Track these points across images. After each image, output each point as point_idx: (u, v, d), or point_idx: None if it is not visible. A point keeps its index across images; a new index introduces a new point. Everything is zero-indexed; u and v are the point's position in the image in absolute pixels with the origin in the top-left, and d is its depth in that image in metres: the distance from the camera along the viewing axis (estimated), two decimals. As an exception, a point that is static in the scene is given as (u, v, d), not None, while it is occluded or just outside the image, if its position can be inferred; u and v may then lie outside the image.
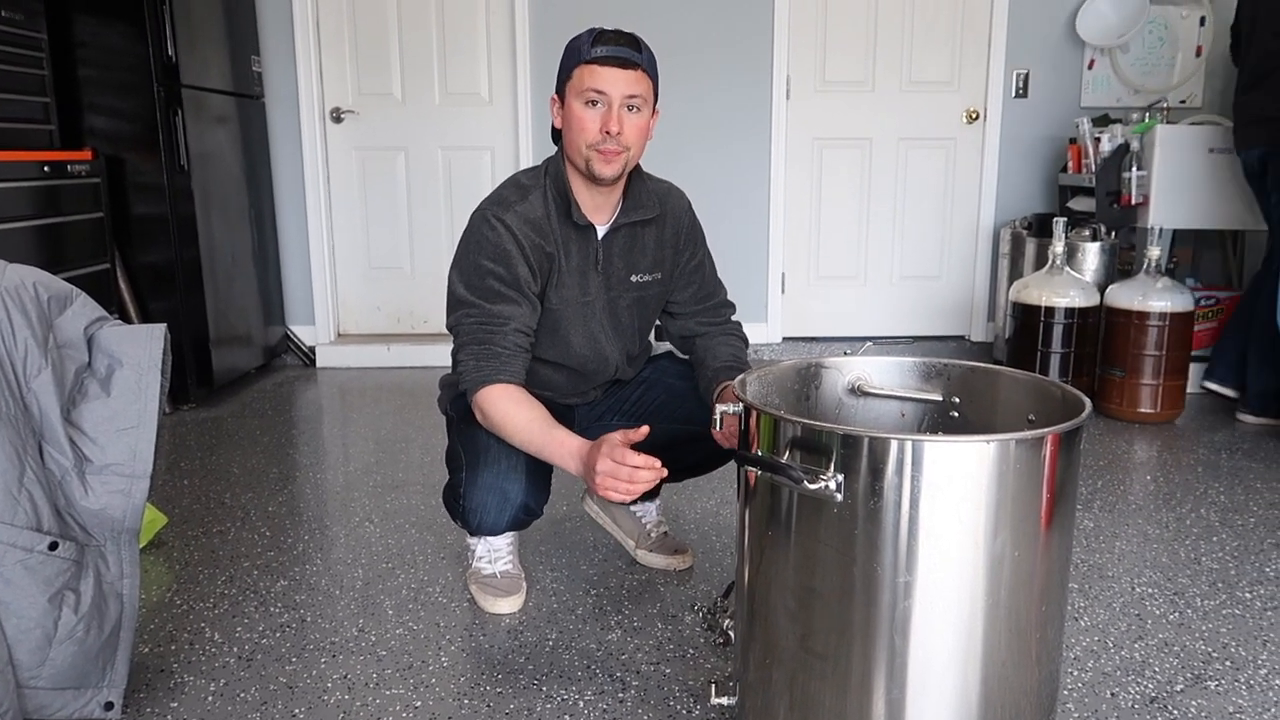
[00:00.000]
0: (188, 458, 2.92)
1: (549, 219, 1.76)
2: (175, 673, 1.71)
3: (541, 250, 1.75)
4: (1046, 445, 1.16)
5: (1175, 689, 1.64)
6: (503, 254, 1.71)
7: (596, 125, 1.66)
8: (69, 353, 1.44)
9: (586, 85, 1.65)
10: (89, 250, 3.17)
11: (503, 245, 1.71)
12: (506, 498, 1.77)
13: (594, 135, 1.67)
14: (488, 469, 1.76)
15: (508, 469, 1.75)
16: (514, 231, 1.71)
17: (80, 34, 3.25)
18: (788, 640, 1.25)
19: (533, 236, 1.73)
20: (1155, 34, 4.09)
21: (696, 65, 4.10)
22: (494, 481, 1.76)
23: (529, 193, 1.76)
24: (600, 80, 1.65)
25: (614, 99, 1.65)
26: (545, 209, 1.76)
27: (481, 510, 1.78)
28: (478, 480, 1.77)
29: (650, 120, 1.74)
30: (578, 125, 1.68)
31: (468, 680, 1.68)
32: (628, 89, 1.66)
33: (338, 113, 4.19)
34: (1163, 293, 3.18)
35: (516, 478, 1.76)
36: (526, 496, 1.78)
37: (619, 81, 1.65)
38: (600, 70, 1.64)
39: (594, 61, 1.64)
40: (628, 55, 1.65)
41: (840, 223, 4.34)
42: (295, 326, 4.29)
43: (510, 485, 1.76)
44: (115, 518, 1.43)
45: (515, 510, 1.79)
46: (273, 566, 2.15)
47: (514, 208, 1.73)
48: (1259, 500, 2.53)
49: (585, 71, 1.65)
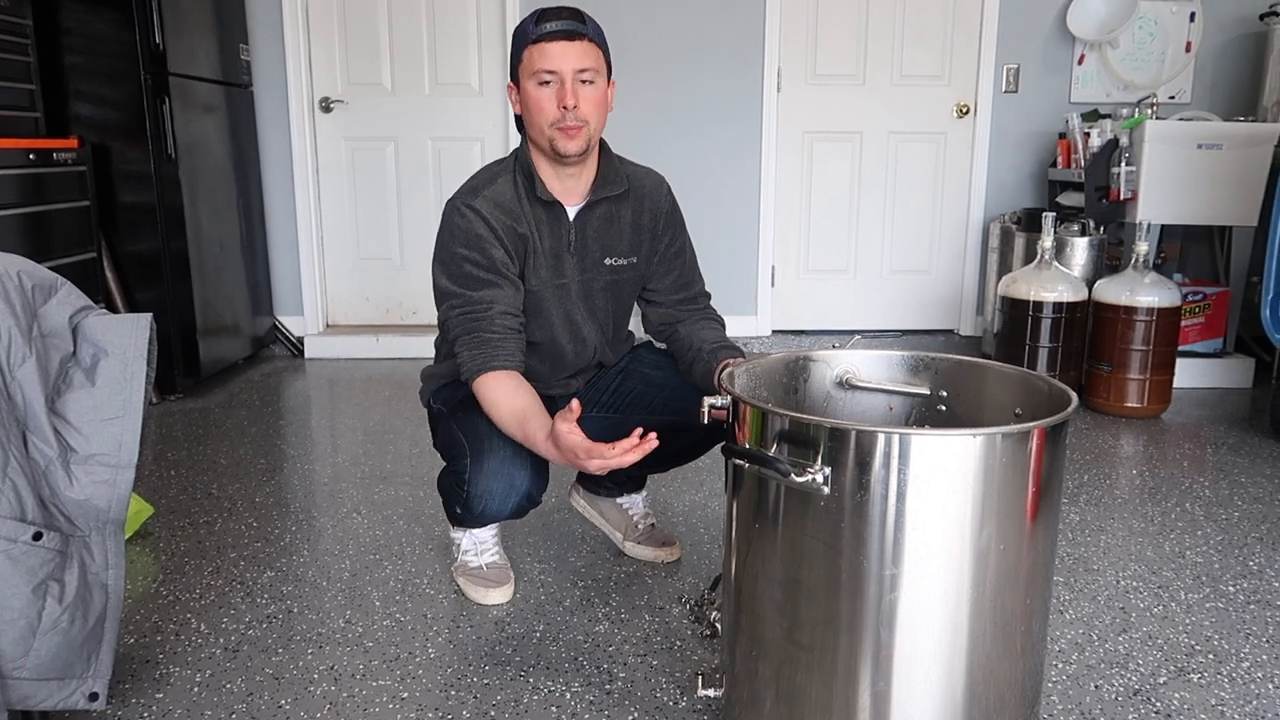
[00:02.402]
0: (174, 448, 2.91)
1: (519, 200, 1.76)
2: (160, 663, 1.70)
3: (514, 231, 1.75)
4: (1032, 439, 1.16)
5: (1159, 681, 1.66)
6: (475, 239, 1.71)
7: (553, 104, 1.67)
8: (53, 342, 1.43)
9: (537, 66, 1.66)
10: (75, 239, 3.15)
11: (474, 230, 1.71)
12: (513, 484, 1.75)
13: (552, 114, 1.67)
14: (493, 455, 1.74)
15: (514, 455, 1.74)
16: (484, 216, 1.72)
17: (67, 21, 3.22)
18: (774, 632, 1.25)
19: (504, 219, 1.74)
20: (1145, 29, 4.10)
21: (687, 57, 4.09)
22: (500, 468, 1.74)
23: (497, 177, 1.77)
24: (549, 58, 1.65)
25: (566, 74, 1.66)
26: (515, 191, 1.77)
27: (487, 496, 1.76)
28: (484, 467, 1.75)
29: (607, 91, 1.74)
30: (535, 107, 1.69)
31: (454, 671, 1.68)
32: (578, 62, 1.66)
33: (327, 102, 4.17)
34: (1150, 288, 3.19)
35: (522, 463, 1.74)
36: (531, 484, 1.77)
37: (568, 56, 1.65)
38: (548, 48, 1.65)
39: (540, 39, 1.65)
40: (572, 28, 1.65)
41: (830, 216, 4.35)
42: (283, 317, 4.27)
43: (517, 472, 1.75)
44: (100, 508, 1.42)
45: (520, 497, 1.77)
46: (259, 557, 2.14)
47: (482, 193, 1.74)
48: (1243, 495, 2.54)
49: (534, 51, 1.66)
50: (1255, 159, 3.43)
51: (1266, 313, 2.96)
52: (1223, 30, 4.12)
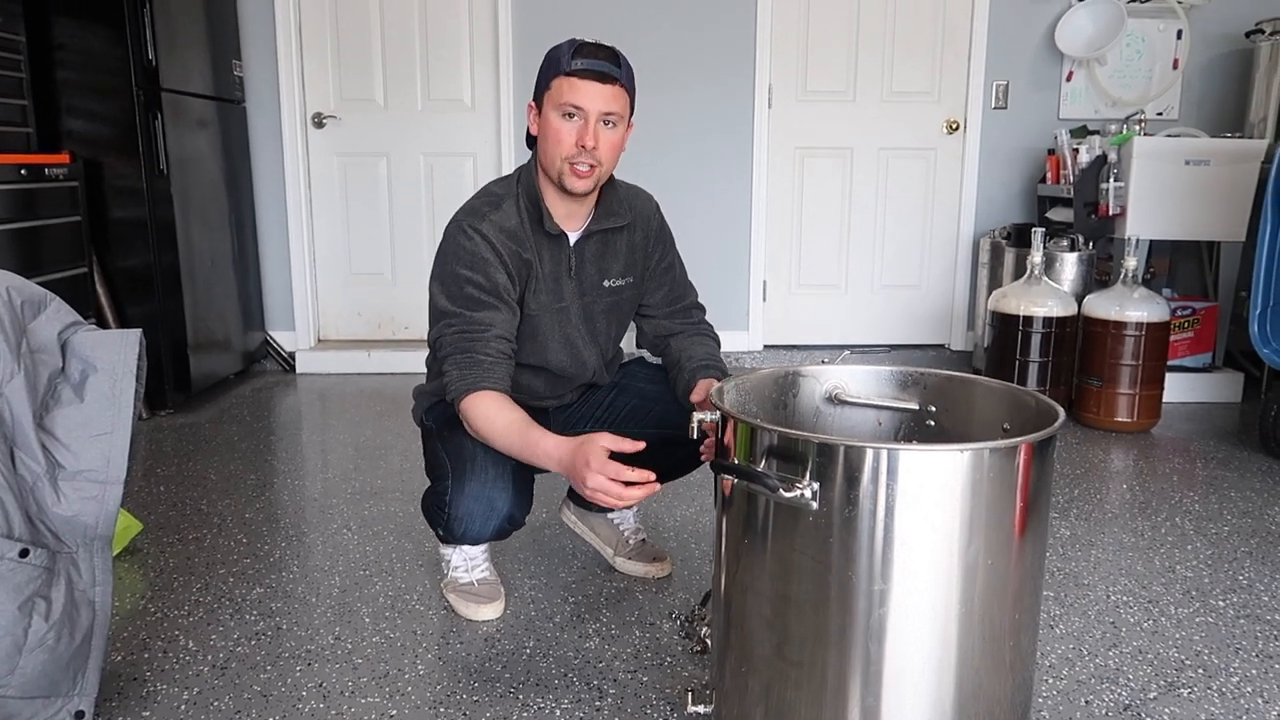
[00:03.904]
0: (164, 464, 2.90)
1: (523, 226, 1.76)
2: (148, 681, 1.69)
3: (519, 257, 1.75)
4: (1020, 454, 1.16)
5: (1149, 696, 1.66)
6: (480, 261, 1.71)
7: (572, 139, 1.67)
8: (42, 358, 1.43)
9: (565, 98, 1.65)
10: (66, 254, 3.15)
11: (480, 253, 1.71)
12: (493, 507, 1.76)
13: (569, 149, 1.67)
14: (474, 478, 1.75)
15: (495, 478, 1.74)
16: (490, 240, 1.71)
17: (59, 36, 3.23)
18: (764, 648, 1.25)
19: (509, 244, 1.73)
20: (1133, 47, 4.14)
21: (679, 74, 4.12)
22: (481, 490, 1.75)
23: (502, 201, 1.76)
24: (579, 95, 1.65)
25: (591, 114, 1.66)
26: (519, 217, 1.76)
27: (467, 519, 1.77)
28: (464, 489, 1.75)
29: (624, 134, 1.74)
30: (554, 137, 1.68)
31: (444, 688, 1.67)
32: (605, 105, 1.66)
33: (319, 118, 4.18)
34: (1139, 303, 3.21)
35: (504, 487, 1.75)
36: (513, 507, 1.77)
37: (597, 97, 1.65)
38: (580, 84, 1.64)
39: (574, 74, 1.64)
40: (607, 70, 1.65)
41: (821, 231, 4.36)
42: (275, 332, 4.27)
43: (497, 495, 1.75)
44: (88, 524, 1.42)
45: (501, 520, 1.78)
46: (248, 574, 2.13)
47: (489, 217, 1.73)
48: (1232, 509, 2.55)
49: (564, 84, 1.65)
50: (1242, 175, 3.45)
51: (1254, 327, 2.97)
52: (1209, 47, 4.16)
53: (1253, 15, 3.99)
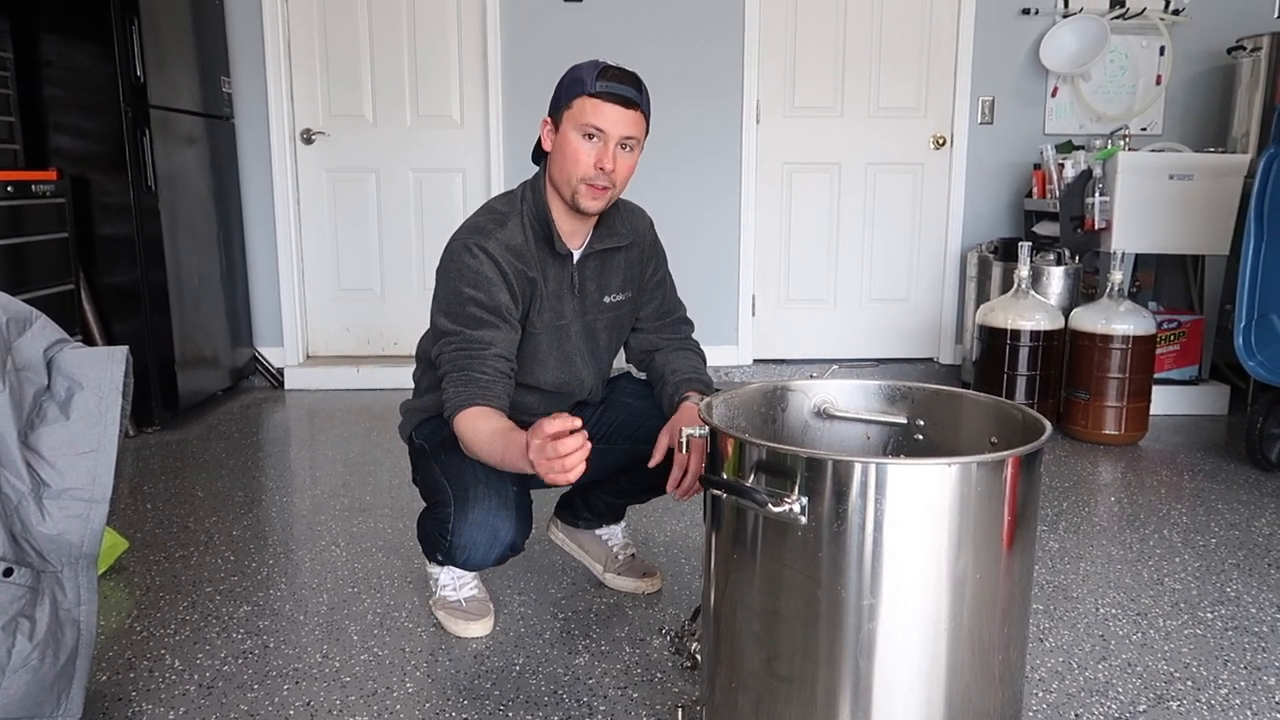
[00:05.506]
0: (151, 481, 2.88)
1: (528, 244, 1.76)
2: (134, 701, 1.67)
3: (524, 275, 1.75)
4: (1007, 468, 1.17)
5: (1138, 709, 1.66)
6: (483, 280, 1.70)
7: (591, 160, 1.67)
8: (28, 375, 1.42)
9: (588, 119, 1.65)
10: (53, 271, 3.14)
11: (483, 272, 1.70)
12: (497, 535, 1.73)
13: (587, 170, 1.67)
14: (478, 505, 1.72)
15: (498, 505, 1.72)
16: (495, 259, 1.71)
17: (47, 53, 3.22)
18: (753, 663, 1.25)
19: (515, 263, 1.73)
20: (1116, 63, 4.18)
21: (668, 89, 4.13)
22: (485, 519, 1.72)
23: (507, 219, 1.76)
24: (602, 117, 1.65)
25: (612, 137, 1.66)
26: (524, 235, 1.76)
27: (470, 548, 1.74)
28: (467, 517, 1.72)
29: (638, 158, 1.75)
30: (572, 156, 1.68)
31: (433, 706, 1.66)
32: (626, 129, 1.67)
33: (308, 134, 4.18)
34: (1126, 316, 3.23)
35: (507, 514, 1.73)
36: (516, 534, 1.75)
37: (619, 121, 1.66)
38: (603, 107, 1.65)
39: (598, 96, 1.64)
40: (631, 96, 1.66)
41: (810, 246, 4.38)
42: (263, 348, 4.26)
43: (500, 523, 1.73)
44: (73, 543, 1.41)
45: (504, 548, 1.75)
46: (236, 592, 2.12)
47: (494, 235, 1.72)
48: (1220, 521, 2.56)
49: (588, 104, 1.65)
50: (1226, 189, 3.48)
51: (1240, 340, 2.99)
52: (1192, 64, 4.20)
53: (1234, 32, 4.03)
